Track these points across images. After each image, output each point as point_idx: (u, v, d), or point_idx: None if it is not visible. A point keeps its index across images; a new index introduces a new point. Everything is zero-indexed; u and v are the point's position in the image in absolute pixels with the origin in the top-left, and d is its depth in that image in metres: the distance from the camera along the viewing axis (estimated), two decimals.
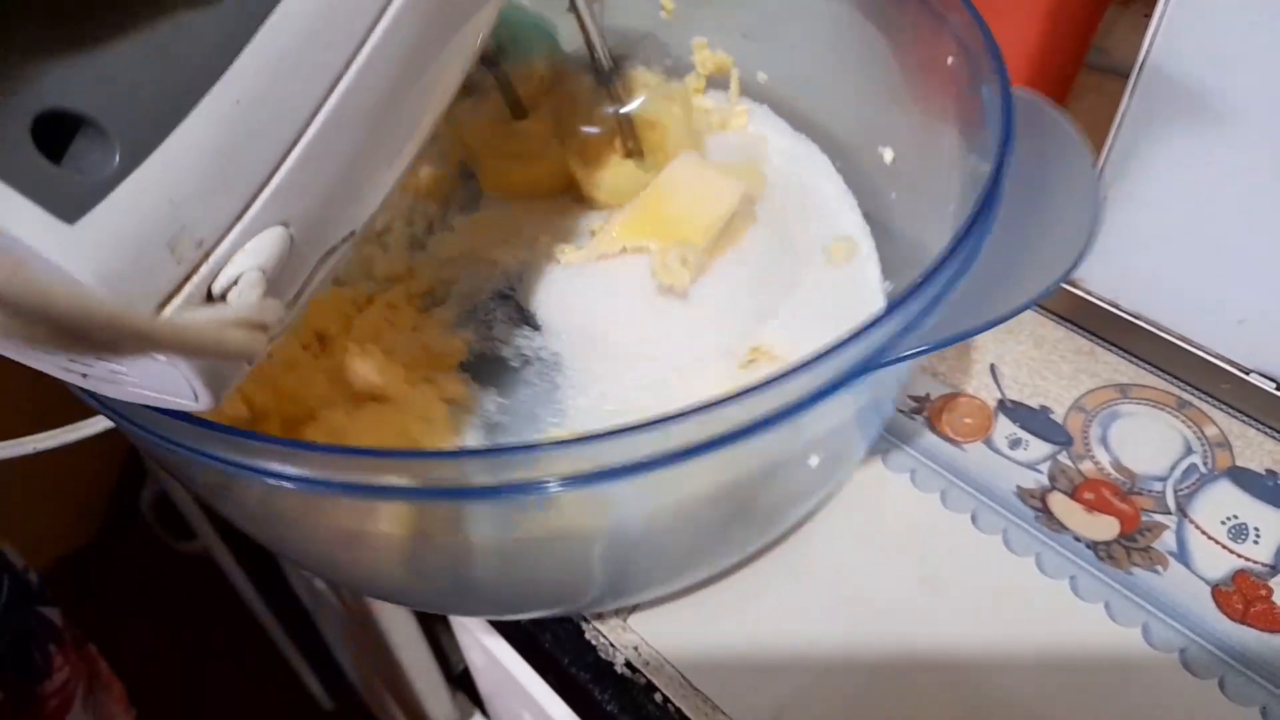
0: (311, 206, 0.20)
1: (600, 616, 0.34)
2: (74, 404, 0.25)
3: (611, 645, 0.33)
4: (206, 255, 0.18)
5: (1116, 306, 0.38)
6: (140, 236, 0.17)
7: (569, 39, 0.42)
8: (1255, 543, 0.34)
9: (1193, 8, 0.31)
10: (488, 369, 0.37)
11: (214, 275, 0.18)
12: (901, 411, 0.39)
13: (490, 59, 0.40)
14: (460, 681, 0.65)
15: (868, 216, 0.41)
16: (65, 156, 0.16)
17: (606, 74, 0.39)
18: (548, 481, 0.22)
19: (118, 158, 0.17)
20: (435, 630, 0.55)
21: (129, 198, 0.16)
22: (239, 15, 0.18)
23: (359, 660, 0.82)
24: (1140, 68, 0.33)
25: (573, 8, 0.36)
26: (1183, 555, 0.34)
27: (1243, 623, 0.32)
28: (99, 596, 1.12)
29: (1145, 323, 0.37)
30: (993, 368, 0.40)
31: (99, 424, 0.38)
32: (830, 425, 0.28)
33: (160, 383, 0.20)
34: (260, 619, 0.97)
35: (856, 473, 0.37)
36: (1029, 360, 0.40)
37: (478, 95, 0.42)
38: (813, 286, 0.39)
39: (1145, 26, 0.32)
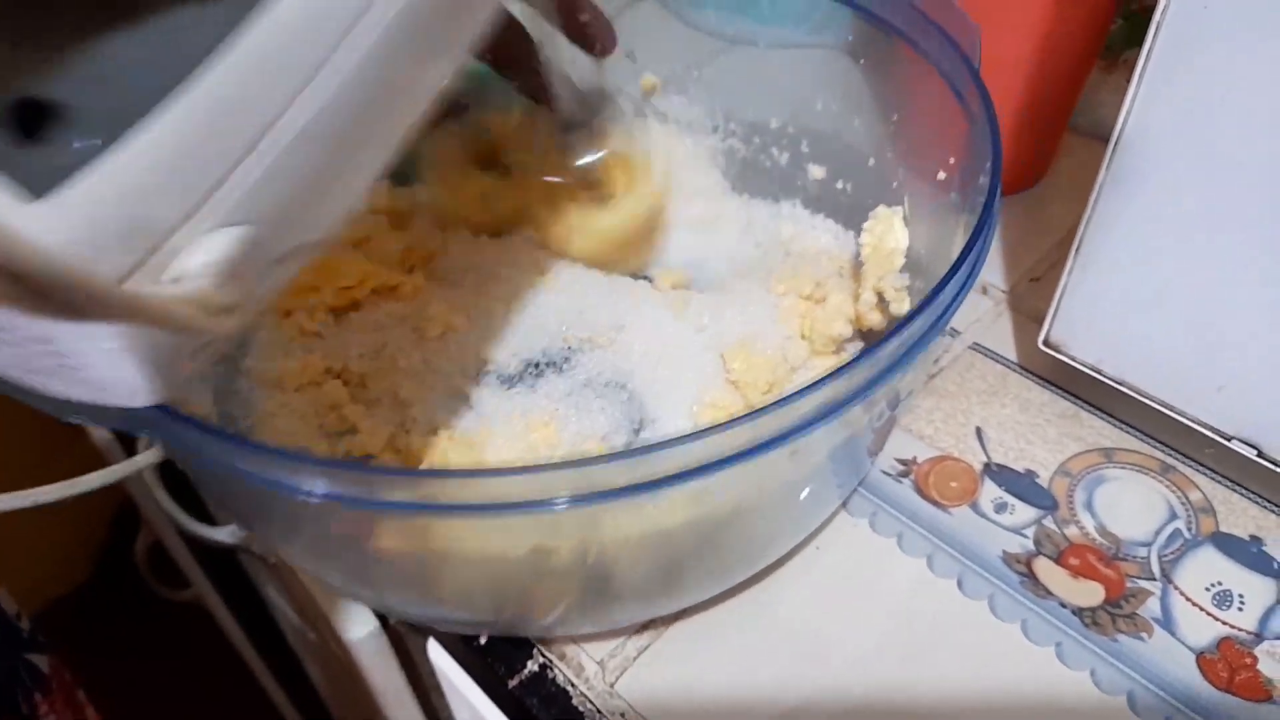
0: (272, 209, 0.20)
1: (588, 682, 0.34)
2: (75, 450, 0.26)
3: (599, 711, 0.33)
4: (162, 245, 0.18)
5: (1099, 372, 0.39)
6: (100, 219, 0.17)
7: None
8: (1240, 609, 0.35)
9: (1168, 79, 0.32)
10: None
11: (166, 264, 0.19)
12: (888, 474, 0.39)
13: (461, 105, 0.42)
14: None
15: None
16: (38, 138, 0.17)
17: (570, 123, 0.41)
18: (557, 500, 0.23)
19: (88, 143, 0.17)
20: (424, 688, 0.54)
21: (94, 182, 0.17)
22: (221, 14, 0.19)
23: (349, 713, 0.82)
24: (1118, 137, 0.34)
25: (539, 52, 0.37)
26: (1167, 622, 0.34)
27: (1228, 691, 0.33)
28: (90, 643, 1.11)
29: (1128, 388, 0.38)
30: (978, 431, 0.41)
31: (102, 478, 0.38)
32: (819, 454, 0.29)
33: (103, 373, 0.20)
34: (252, 668, 0.96)
35: (844, 536, 0.37)
36: (1014, 424, 0.41)
37: (449, 139, 0.44)
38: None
39: (1128, 90, 0.33)
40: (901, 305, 0.37)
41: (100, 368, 0.20)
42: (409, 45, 0.22)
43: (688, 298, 0.41)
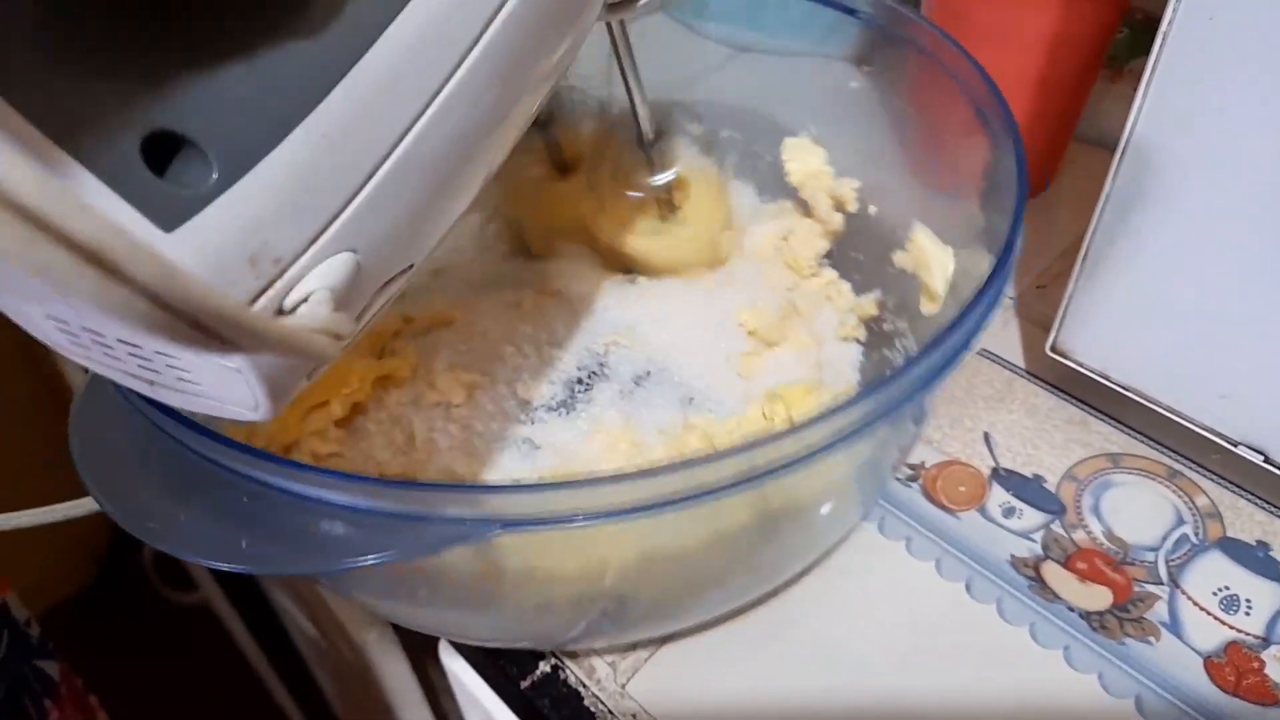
0: (380, 236, 0.22)
1: (599, 683, 0.34)
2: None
3: (610, 712, 0.34)
4: (282, 272, 0.19)
5: (1106, 378, 0.39)
6: (227, 249, 0.18)
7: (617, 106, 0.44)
8: (1247, 614, 0.35)
9: (1174, 88, 0.32)
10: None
11: (287, 291, 0.20)
12: (896, 479, 0.40)
13: (541, 121, 0.43)
14: None
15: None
16: (169, 171, 0.18)
17: (647, 142, 0.41)
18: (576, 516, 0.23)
19: (215, 176, 0.18)
20: (435, 690, 0.55)
21: (221, 213, 0.18)
22: (335, 52, 0.20)
23: (358, 717, 0.82)
24: (1124, 147, 0.34)
25: (622, 78, 0.38)
26: (1175, 626, 0.35)
27: (1235, 695, 0.33)
28: (95, 646, 1.11)
29: (1134, 394, 0.38)
30: (986, 436, 0.41)
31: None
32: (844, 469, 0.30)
33: (224, 391, 0.21)
34: (259, 671, 0.96)
35: (852, 540, 0.38)
36: (1022, 429, 0.41)
37: (526, 153, 0.44)
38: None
39: (1133, 99, 0.33)
40: (853, 204, 0.40)
41: (223, 386, 0.20)
42: (509, 75, 0.23)
43: (667, 285, 0.42)
